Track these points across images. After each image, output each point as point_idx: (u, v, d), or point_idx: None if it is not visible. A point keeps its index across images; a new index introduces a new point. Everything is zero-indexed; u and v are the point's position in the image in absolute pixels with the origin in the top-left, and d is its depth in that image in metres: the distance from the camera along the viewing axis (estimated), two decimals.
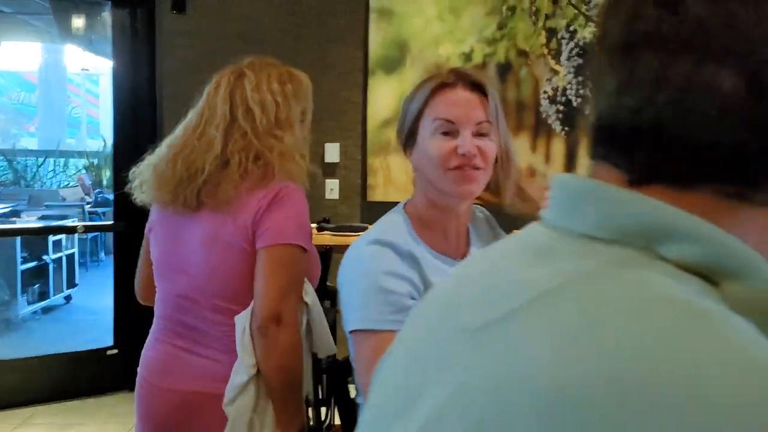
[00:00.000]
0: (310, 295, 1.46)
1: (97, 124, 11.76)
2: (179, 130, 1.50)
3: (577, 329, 0.32)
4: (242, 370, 1.34)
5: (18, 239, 4.92)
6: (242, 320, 1.36)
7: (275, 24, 3.42)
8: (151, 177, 1.45)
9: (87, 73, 10.43)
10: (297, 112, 1.50)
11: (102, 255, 7.05)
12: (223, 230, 1.38)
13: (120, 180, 3.61)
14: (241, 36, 3.36)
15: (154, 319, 1.54)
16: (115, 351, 3.55)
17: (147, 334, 3.85)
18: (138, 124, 3.41)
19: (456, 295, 0.41)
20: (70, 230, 4.77)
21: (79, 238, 6.17)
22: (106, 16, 3.48)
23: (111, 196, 4.69)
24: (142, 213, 3.39)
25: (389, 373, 0.42)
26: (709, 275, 0.35)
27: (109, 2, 3.44)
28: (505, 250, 0.42)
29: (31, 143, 10.81)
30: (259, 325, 1.33)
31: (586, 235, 0.37)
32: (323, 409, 1.51)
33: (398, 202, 1.33)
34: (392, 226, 1.24)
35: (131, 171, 1.52)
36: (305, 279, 1.45)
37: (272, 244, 1.35)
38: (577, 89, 3.39)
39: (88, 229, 4.48)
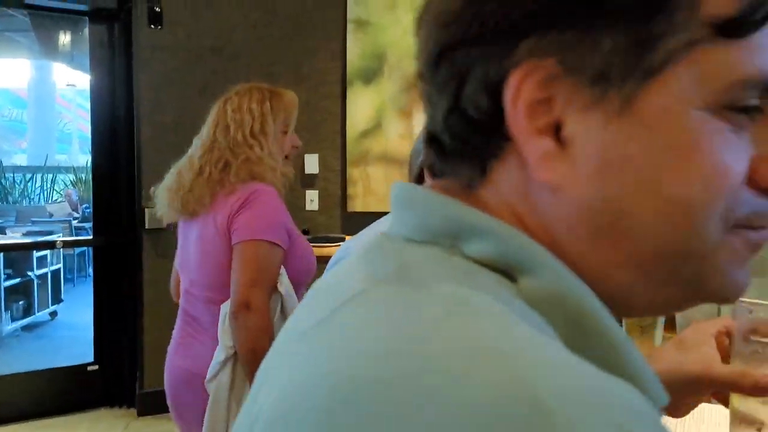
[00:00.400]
0: (284, 285, 1.61)
1: (88, 139, 11.72)
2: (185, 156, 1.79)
3: (352, 331, 0.32)
4: (222, 350, 1.57)
5: (0, 255, 4.90)
6: (225, 308, 1.59)
7: (251, 36, 3.43)
8: (161, 195, 1.75)
9: (76, 88, 10.44)
10: (274, 125, 1.71)
11: (90, 270, 7.02)
12: (208, 231, 1.62)
13: (99, 194, 3.63)
14: (217, 49, 3.37)
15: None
16: (95, 367, 3.52)
17: (128, 349, 3.81)
18: (116, 138, 3.40)
19: (304, 303, 0.42)
20: (50, 245, 4.74)
21: (65, 254, 6.14)
22: (86, 31, 3.48)
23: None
24: (122, 227, 3.40)
25: (255, 380, 0.43)
26: (507, 271, 0.35)
27: (87, 17, 3.44)
28: (352, 257, 0.43)
29: (22, 160, 10.79)
30: (233, 311, 1.54)
31: (408, 238, 0.39)
32: None
33: (378, 212, 1.33)
34: None
35: (151, 190, 1.80)
36: (282, 270, 1.63)
37: (242, 240, 1.57)
38: None
39: (67, 244, 4.45)
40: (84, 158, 10.22)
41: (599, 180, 0.35)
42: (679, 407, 0.64)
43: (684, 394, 0.62)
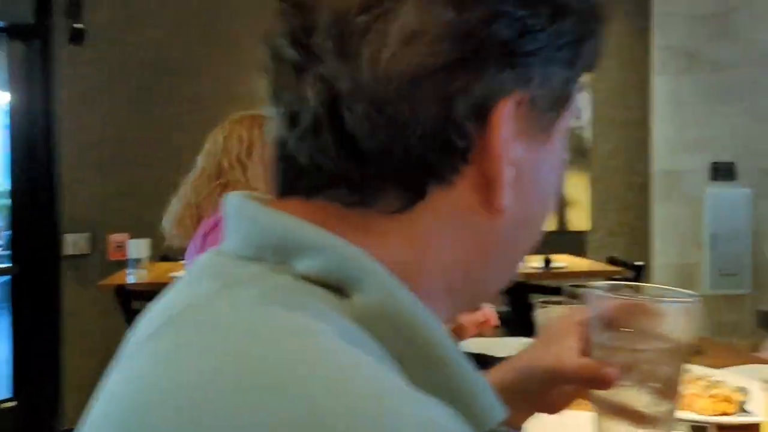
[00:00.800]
0: None
1: None
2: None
3: (163, 353, 0.32)
4: None
5: None
6: None
7: (183, 53, 3.33)
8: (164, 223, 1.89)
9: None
10: (262, 149, 1.79)
11: None
12: (191, 252, 1.74)
13: (17, 219, 3.44)
14: (146, 65, 3.26)
15: None
16: (13, 403, 3.30)
17: (48, 383, 3.61)
18: (35, 159, 3.24)
19: (145, 317, 0.41)
20: None
21: None
22: (3, 48, 3.33)
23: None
24: (40, 254, 3.21)
25: None
26: (339, 287, 0.35)
27: (4, 34, 3.29)
28: (186, 274, 0.42)
29: None
30: None
31: (238, 254, 0.38)
32: None
33: None
34: None
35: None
36: None
37: None
38: None
39: None
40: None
41: (528, 200, 0.40)
42: (549, 403, 0.63)
43: (545, 389, 0.61)
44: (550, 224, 3.67)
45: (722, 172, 3.74)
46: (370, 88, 0.35)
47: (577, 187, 3.70)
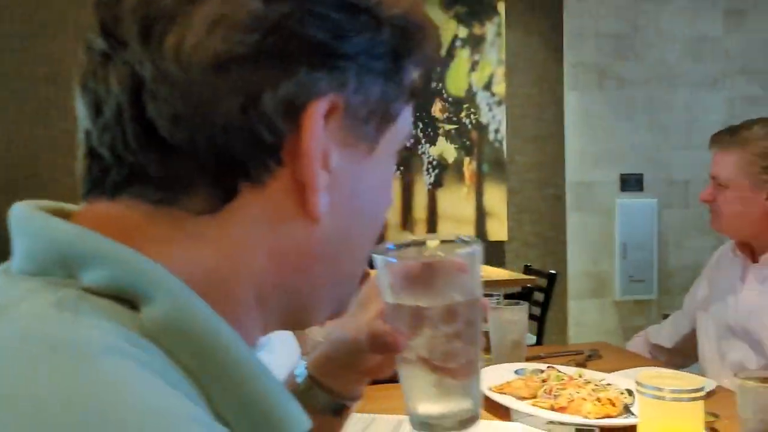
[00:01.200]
0: None
1: None
2: None
3: None
4: None
5: None
6: None
7: None
8: None
9: None
10: None
11: None
12: None
13: None
14: (51, 78, 3.13)
15: None
16: None
17: None
18: None
19: None
20: None
21: None
22: None
23: None
24: None
25: None
26: (127, 299, 0.33)
27: None
28: None
29: None
30: None
31: (22, 269, 0.35)
32: None
33: None
34: None
35: None
36: None
37: None
38: None
39: None
40: None
41: (349, 213, 0.40)
42: (372, 370, 0.61)
43: (359, 359, 0.60)
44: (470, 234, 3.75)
45: (631, 183, 3.93)
46: (174, 74, 0.34)
47: (495, 199, 3.80)
